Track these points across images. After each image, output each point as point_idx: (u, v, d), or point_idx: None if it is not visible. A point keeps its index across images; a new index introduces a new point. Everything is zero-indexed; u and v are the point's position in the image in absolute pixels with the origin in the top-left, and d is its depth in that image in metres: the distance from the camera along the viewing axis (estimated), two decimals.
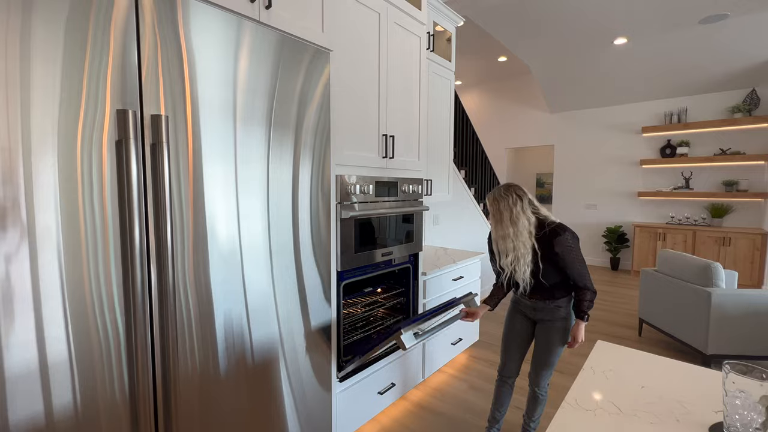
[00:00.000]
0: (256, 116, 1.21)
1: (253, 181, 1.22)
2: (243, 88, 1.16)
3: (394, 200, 1.94)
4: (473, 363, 2.70)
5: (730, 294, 2.47)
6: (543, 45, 4.56)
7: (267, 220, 1.26)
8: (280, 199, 1.32)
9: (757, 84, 4.67)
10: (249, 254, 1.21)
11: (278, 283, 1.32)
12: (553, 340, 1.60)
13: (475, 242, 4.09)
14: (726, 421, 0.72)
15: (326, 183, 1.51)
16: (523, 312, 1.70)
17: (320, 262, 1.49)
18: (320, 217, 1.47)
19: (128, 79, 0.94)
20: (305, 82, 1.37)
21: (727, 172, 4.93)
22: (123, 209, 0.94)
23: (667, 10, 3.69)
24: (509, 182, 1.65)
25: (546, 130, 6.42)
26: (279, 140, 1.29)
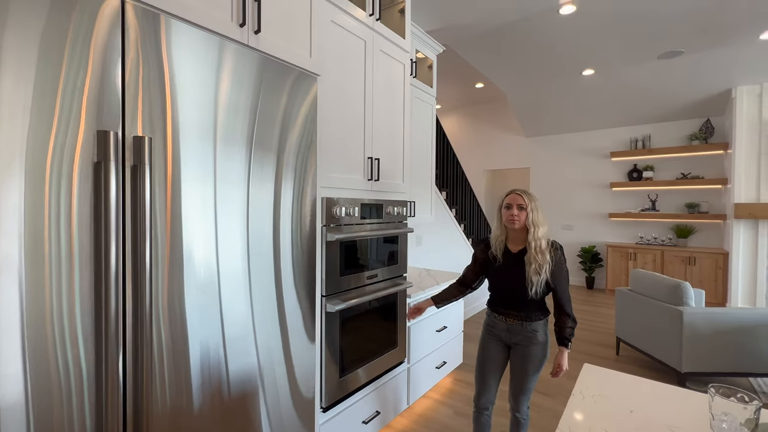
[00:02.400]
0: (237, 137, 1.19)
1: (232, 204, 1.19)
2: (224, 108, 1.15)
3: (378, 222, 1.93)
4: (457, 387, 2.66)
5: (700, 312, 2.58)
6: (518, 74, 4.80)
7: (246, 244, 1.22)
8: (261, 223, 1.28)
9: (711, 114, 5.06)
10: (227, 280, 1.16)
11: (258, 310, 1.26)
12: (531, 365, 1.57)
13: (457, 262, 4.12)
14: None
15: (311, 205, 1.49)
16: (498, 335, 1.64)
17: (301, 288, 1.44)
18: (302, 241, 1.44)
19: (108, 98, 0.91)
20: (290, 105, 1.37)
21: (689, 195, 5.24)
22: (99, 235, 0.89)
23: (628, 45, 3.99)
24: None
25: (522, 154, 6.67)
26: (260, 162, 1.27)
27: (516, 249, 1.60)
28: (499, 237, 1.63)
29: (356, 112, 1.79)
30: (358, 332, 1.82)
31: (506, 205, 1.58)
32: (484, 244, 1.71)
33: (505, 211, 1.58)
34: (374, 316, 1.92)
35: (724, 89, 4.60)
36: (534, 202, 1.56)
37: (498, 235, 1.63)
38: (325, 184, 1.61)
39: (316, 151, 1.49)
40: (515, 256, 1.58)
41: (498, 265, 1.61)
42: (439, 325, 2.54)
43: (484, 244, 1.70)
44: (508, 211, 1.56)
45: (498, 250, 1.62)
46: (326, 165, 1.62)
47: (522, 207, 1.54)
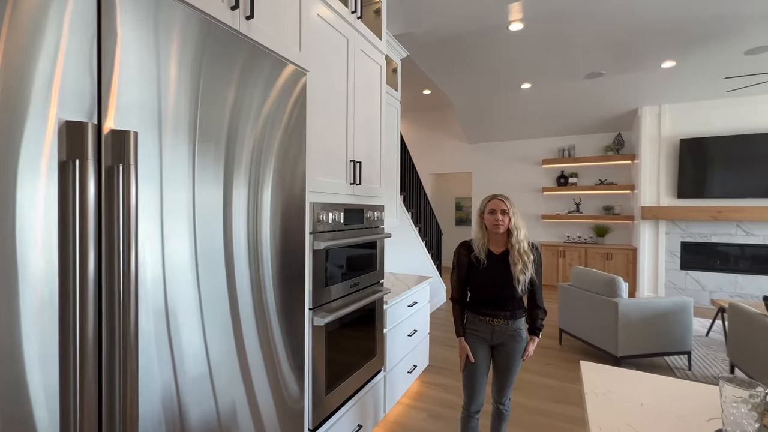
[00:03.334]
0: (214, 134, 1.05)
1: (212, 210, 1.03)
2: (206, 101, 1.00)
3: (360, 228, 1.86)
4: (427, 389, 2.69)
5: (631, 303, 2.95)
6: (465, 83, 5.05)
7: (224, 256, 1.07)
8: (238, 232, 1.14)
9: (622, 129, 5.86)
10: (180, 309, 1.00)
11: (212, 345, 1.10)
12: (516, 362, 1.65)
13: (416, 264, 4.17)
14: (725, 425, 0.81)
15: (299, 211, 1.37)
16: (482, 338, 1.66)
17: (283, 303, 1.32)
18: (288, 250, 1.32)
19: (80, 84, 0.72)
20: (280, 103, 1.25)
21: (605, 199, 6.00)
22: (66, 249, 0.70)
23: (561, 64, 4.44)
24: None
25: (464, 159, 7.03)
26: (239, 163, 1.13)
27: (499, 251, 1.65)
28: (481, 240, 1.67)
29: (340, 113, 1.71)
30: (342, 344, 1.73)
31: (490, 211, 1.63)
32: (464, 248, 1.72)
33: (489, 216, 1.63)
34: (356, 325, 1.84)
35: (632, 108, 5.35)
36: (514, 206, 1.64)
37: (480, 238, 1.67)
38: (312, 188, 1.50)
39: (305, 152, 1.38)
40: (499, 257, 1.64)
41: (483, 267, 1.64)
42: (411, 329, 2.54)
43: (465, 248, 1.72)
44: (492, 216, 1.61)
45: (482, 252, 1.64)
46: (313, 168, 1.51)
47: (505, 212, 1.61)
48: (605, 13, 3.38)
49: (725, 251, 4.98)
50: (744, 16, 3.38)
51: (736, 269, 4.92)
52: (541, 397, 2.60)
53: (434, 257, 4.79)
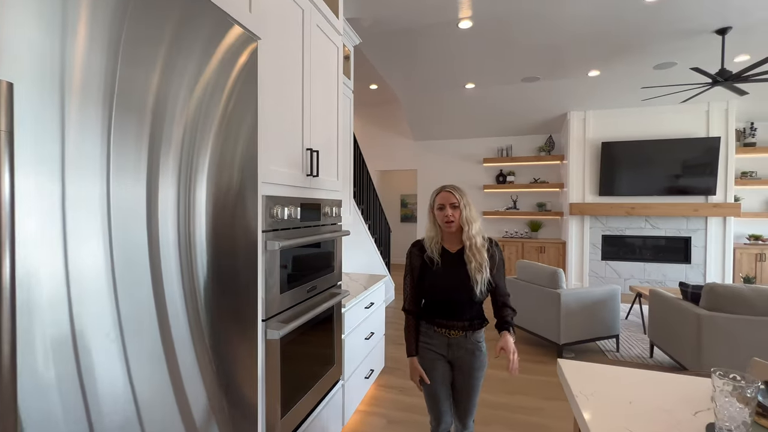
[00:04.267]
0: (136, 102, 0.81)
1: (134, 202, 0.79)
2: (128, 61, 0.75)
3: (317, 225, 1.67)
4: (382, 393, 2.57)
5: (571, 293, 3.14)
6: (413, 80, 5.02)
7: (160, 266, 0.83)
8: (165, 233, 0.91)
9: (553, 131, 6.33)
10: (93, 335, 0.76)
11: (140, 379, 0.88)
12: (477, 381, 1.45)
13: (367, 262, 4.04)
14: (717, 422, 0.80)
15: (251, 206, 1.15)
16: (438, 352, 1.44)
17: (234, 315, 1.10)
18: (237, 252, 1.10)
19: None
20: (224, 71, 1.02)
21: (539, 197, 6.45)
22: None
23: (501, 67, 4.61)
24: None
25: (410, 156, 7.07)
26: (167, 142, 0.90)
27: (454, 249, 1.45)
28: (434, 238, 1.45)
29: (295, 94, 1.49)
30: (298, 357, 1.53)
31: (439, 206, 1.41)
32: (417, 248, 1.49)
33: (439, 212, 1.41)
34: (312, 333, 1.65)
35: (562, 112, 5.79)
36: (465, 197, 1.44)
37: (433, 236, 1.45)
38: (266, 178, 1.27)
39: (257, 135, 1.16)
40: (455, 256, 1.44)
41: (437, 267, 1.42)
42: (368, 331, 2.40)
43: (417, 248, 1.49)
44: (442, 212, 1.40)
45: (435, 251, 1.43)
46: (267, 155, 1.28)
47: (455, 205, 1.40)
48: (543, 20, 3.56)
49: (636, 243, 5.64)
50: (654, 33, 3.79)
51: (644, 258, 5.60)
52: (495, 390, 2.64)
53: (384, 254, 4.71)
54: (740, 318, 2.38)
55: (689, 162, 5.20)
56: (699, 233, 5.32)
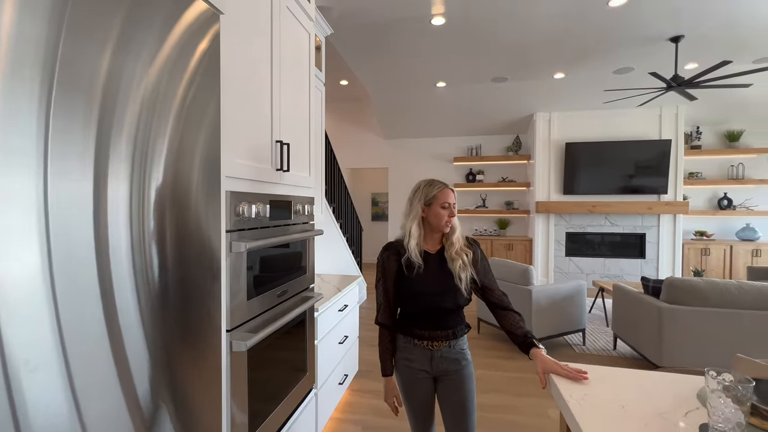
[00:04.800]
0: (83, 81, 0.67)
1: (79, 198, 0.66)
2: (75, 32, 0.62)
3: (288, 224, 1.54)
4: (357, 398, 2.48)
5: (542, 289, 3.20)
6: (384, 76, 4.95)
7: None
8: (119, 234, 0.78)
9: (520, 132, 6.50)
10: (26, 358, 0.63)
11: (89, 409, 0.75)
12: (470, 394, 1.30)
13: (339, 263, 3.91)
14: (711, 422, 0.78)
15: (213, 203, 1.02)
16: (419, 368, 1.29)
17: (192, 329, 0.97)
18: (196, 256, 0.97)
19: None
20: (183, 48, 0.89)
21: (507, 195, 6.60)
22: None
23: (472, 66, 4.65)
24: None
25: (381, 154, 7.00)
26: (118, 128, 0.76)
27: (435, 249, 1.32)
28: (417, 239, 1.28)
29: (263, 81, 1.36)
30: (268, 368, 1.40)
31: (444, 204, 1.26)
32: (391, 252, 1.31)
33: (442, 211, 1.26)
34: (283, 341, 1.52)
35: (529, 113, 5.95)
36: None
37: (417, 237, 1.28)
38: (230, 172, 1.14)
39: (220, 122, 1.03)
40: (436, 257, 1.30)
41: (418, 272, 1.26)
42: (342, 335, 2.29)
43: (392, 252, 1.31)
44: (446, 210, 1.26)
45: (417, 254, 1.27)
46: (231, 146, 1.15)
47: (454, 206, 1.29)
48: (513, 21, 3.60)
49: (596, 239, 5.92)
50: (614, 39, 3.96)
51: (604, 254, 5.88)
52: None
53: (355, 254, 4.60)
54: (697, 310, 2.51)
55: (643, 163, 5.51)
56: (652, 230, 5.66)
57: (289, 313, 1.45)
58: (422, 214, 1.29)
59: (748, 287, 2.48)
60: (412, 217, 1.30)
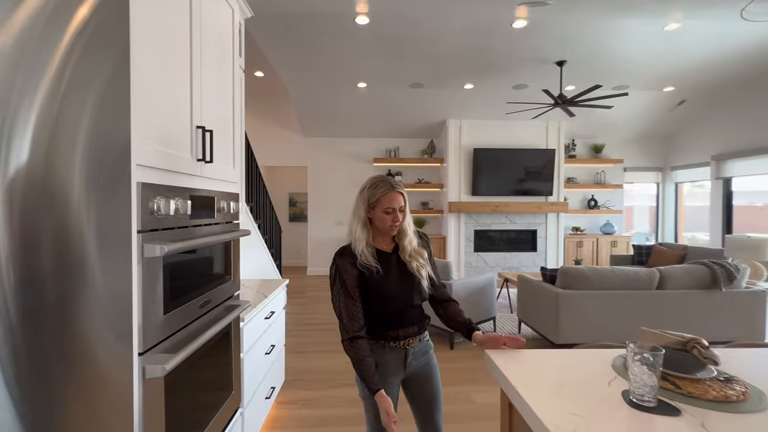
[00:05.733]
0: None
1: None
2: None
3: (210, 223, 1.34)
4: (286, 411, 2.31)
5: (461, 283, 3.42)
6: (305, 71, 4.76)
7: None
8: None
9: (434, 136, 6.90)
10: None
11: None
12: (438, 383, 1.31)
13: (257, 267, 3.61)
14: (631, 387, 0.90)
15: (108, 195, 0.83)
16: (392, 373, 1.25)
17: (105, 345, 0.78)
18: (101, 263, 0.77)
19: None
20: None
21: (423, 196, 6.94)
22: None
23: (392, 70, 4.77)
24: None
25: (300, 152, 6.72)
26: None
27: (389, 248, 1.28)
28: (365, 240, 1.23)
29: (182, 54, 1.15)
30: (188, 392, 1.19)
31: (387, 210, 1.20)
32: (348, 257, 1.23)
33: (385, 216, 1.20)
34: (206, 358, 1.32)
35: (442, 119, 6.35)
36: (406, 196, 1.26)
37: (365, 239, 1.23)
38: (142, 160, 0.93)
39: (130, 96, 0.84)
40: (391, 255, 1.27)
41: (379, 275, 1.21)
42: (268, 345, 2.10)
43: (348, 256, 1.23)
44: (389, 216, 1.20)
45: (370, 256, 1.22)
46: (141, 127, 0.94)
47: (402, 209, 1.23)
48: (431, 30, 3.80)
49: (499, 236, 6.61)
50: (514, 58, 4.47)
51: (505, 249, 6.60)
52: None
53: (275, 256, 4.32)
54: (585, 293, 2.97)
55: (534, 168, 6.35)
56: (542, 227, 6.55)
57: (213, 326, 1.26)
58: (368, 215, 1.24)
59: (618, 272, 3.03)
60: (356, 219, 1.24)
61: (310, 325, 4.03)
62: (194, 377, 1.22)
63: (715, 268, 3.00)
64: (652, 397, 0.87)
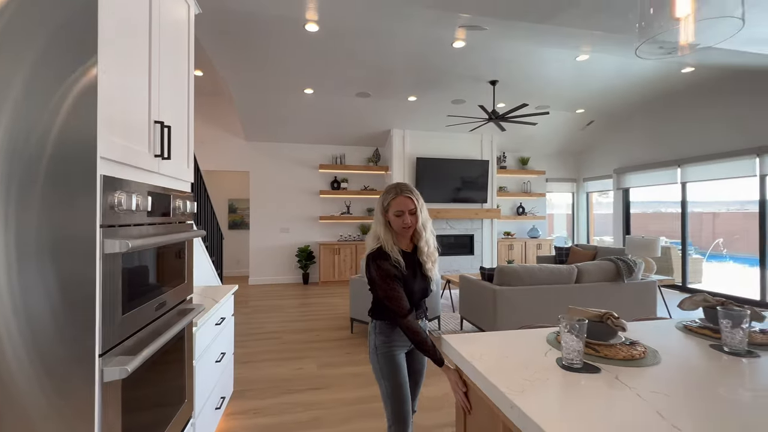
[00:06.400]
0: None
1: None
2: None
3: (167, 222, 1.29)
4: (235, 422, 2.21)
5: None
6: (250, 74, 4.63)
7: None
8: None
9: (379, 145, 7.10)
10: None
11: None
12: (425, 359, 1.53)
13: (199, 275, 3.38)
14: (563, 354, 1.08)
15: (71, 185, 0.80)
16: (401, 345, 1.43)
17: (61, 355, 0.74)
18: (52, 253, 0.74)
19: None
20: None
21: (368, 202, 7.07)
22: None
23: (339, 78, 4.86)
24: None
25: (242, 157, 6.46)
26: None
27: (410, 248, 1.45)
28: (390, 240, 1.38)
29: (140, 46, 1.12)
30: (143, 398, 1.13)
31: (397, 213, 1.35)
32: (383, 258, 1.36)
33: (396, 219, 1.36)
34: (160, 364, 1.26)
35: (387, 129, 6.58)
36: (420, 199, 1.42)
37: (390, 239, 1.38)
38: (106, 153, 0.89)
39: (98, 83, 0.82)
40: (411, 255, 1.44)
41: (404, 271, 1.37)
42: (219, 352, 2.02)
43: (383, 257, 1.36)
44: (400, 218, 1.35)
45: (398, 255, 1.36)
46: (108, 119, 0.90)
47: (413, 212, 1.37)
48: (378, 42, 3.98)
49: (440, 240, 6.94)
50: (453, 75, 4.85)
51: (446, 253, 6.98)
52: (352, 386, 2.70)
53: (216, 264, 4.09)
54: (517, 288, 3.30)
55: (471, 178, 6.85)
56: (478, 231, 7.06)
57: (170, 329, 1.21)
58: (386, 219, 1.40)
59: (544, 269, 3.42)
60: (378, 223, 1.41)
61: (256, 335, 3.88)
62: (148, 383, 1.16)
63: (619, 263, 3.54)
64: (579, 361, 1.05)
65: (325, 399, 2.48)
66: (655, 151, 6.16)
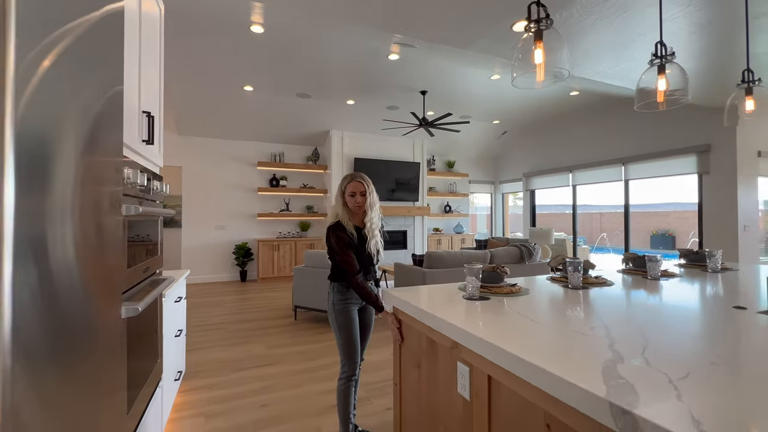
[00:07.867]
0: None
1: None
2: None
3: (151, 198, 1.49)
4: (191, 397, 2.35)
5: None
6: (185, 66, 4.59)
7: None
8: None
9: (319, 144, 7.33)
10: None
11: None
12: (373, 316, 1.90)
13: None
14: (467, 290, 1.54)
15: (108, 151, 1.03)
16: (355, 302, 1.78)
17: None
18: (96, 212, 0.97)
19: None
20: None
21: (308, 200, 7.26)
22: None
23: (280, 77, 5.04)
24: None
25: (173, 151, 6.20)
26: None
27: (362, 224, 1.82)
28: (347, 216, 1.76)
29: (131, 38, 1.32)
30: (138, 344, 1.33)
31: (351, 193, 1.76)
32: (340, 229, 1.73)
33: (350, 198, 1.76)
34: (143, 319, 1.45)
35: (326, 129, 6.86)
36: (371, 185, 1.81)
37: (347, 216, 1.76)
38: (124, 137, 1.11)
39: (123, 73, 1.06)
40: (362, 229, 1.81)
41: (356, 240, 1.75)
42: (176, 329, 2.16)
43: (340, 229, 1.73)
44: (353, 198, 1.75)
45: (352, 227, 1.75)
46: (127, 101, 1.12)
47: (363, 193, 1.76)
48: (319, 47, 4.29)
49: None
50: (388, 83, 5.34)
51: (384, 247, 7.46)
52: (300, 360, 2.97)
53: None
54: (442, 270, 3.86)
55: (404, 179, 7.45)
56: (410, 228, 7.68)
57: (155, 288, 1.41)
58: (343, 200, 1.77)
59: (465, 253, 4.04)
60: (337, 203, 1.79)
61: (200, 326, 3.90)
62: (135, 334, 1.35)
63: (521, 248, 4.32)
64: (477, 294, 1.52)
65: (275, 372, 2.72)
66: (553, 158, 7.38)
